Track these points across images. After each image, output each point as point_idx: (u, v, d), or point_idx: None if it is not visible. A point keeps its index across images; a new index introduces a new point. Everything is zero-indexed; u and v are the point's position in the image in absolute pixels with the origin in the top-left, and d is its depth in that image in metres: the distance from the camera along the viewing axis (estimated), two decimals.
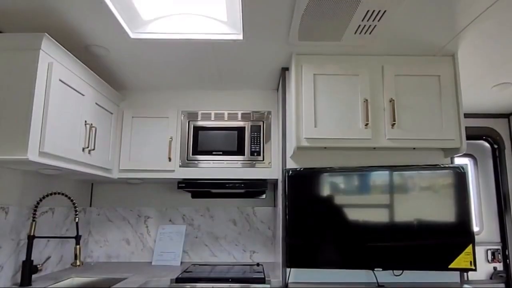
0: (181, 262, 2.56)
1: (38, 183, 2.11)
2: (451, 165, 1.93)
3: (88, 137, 1.96)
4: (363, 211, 1.94)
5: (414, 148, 2.07)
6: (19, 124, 1.53)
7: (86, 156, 1.96)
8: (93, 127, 2.02)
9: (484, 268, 2.73)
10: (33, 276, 2.03)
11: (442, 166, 1.94)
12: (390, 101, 1.95)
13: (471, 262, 1.85)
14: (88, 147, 1.95)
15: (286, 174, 2.00)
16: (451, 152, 2.03)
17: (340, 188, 1.97)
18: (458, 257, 1.86)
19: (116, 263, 2.56)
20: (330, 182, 1.98)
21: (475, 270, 1.85)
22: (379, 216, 1.93)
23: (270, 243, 2.67)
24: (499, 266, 2.75)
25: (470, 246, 1.86)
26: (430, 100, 1.96)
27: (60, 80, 1.72)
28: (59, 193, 1.98)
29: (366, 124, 1.92)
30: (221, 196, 2.72)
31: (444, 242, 1.88)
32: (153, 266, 2.46)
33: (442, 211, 1.90)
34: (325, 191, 1.98)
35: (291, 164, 2.10)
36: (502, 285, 2.72)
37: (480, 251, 2.74)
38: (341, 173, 1.98)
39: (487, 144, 2.92)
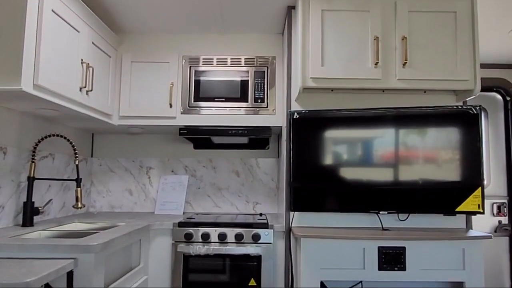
0: (184, 212, 2.55)
1: (37, 127, 2.06)
2: (463, 106, 1.85)
3: (85, 76, 1.88)
4: (369, 154, 1.89)
5: (425, 92, 1.99)
6: (11, 54, 1.46)
7: (84, 97, 1.90)
8: (90, 67, 1.94)
9: (489, 221, 2.71)
10: (35, 219, 2.02)
11: (453, 106, 1.86)
12: (403, 39, 1.84)
13: (479, 205, 1.81)
14: (85, 87, 1.88)
15: (291, 117, 1.93)
16: (463, 95, 1.94)
17: (346, 130, 1.91)
18: (466, 200, 1.82)
19: (119, 213, 2.56)
20: (336, 124, 1.91)
21: (482, 213, 1.81)
22: (385, 159, 1.88)
23: (274, 195, 2.65)
24: (504, 220, 2.73)
25: (479, 189, 1.81)
26: (444, 38, 1.86)
27: (53, 11, 1.62)
28: (58, 135, 1.93)
29: (376, 63, 1.83)
30: (224, 147, 2.67)
31: (452, 185, 1.83)
32: (156, 215, 2.45)
33: (451, 153, 1.84)
34: (331, 133, 1.91)
35: (296, 108, 2.03)
36: (506, 238, 2.71)
37: (485, 204, 2.71)
38: (348, 115, 1.90)
39: (499, 96, 2.82)
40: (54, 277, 1.26)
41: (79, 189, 1.94)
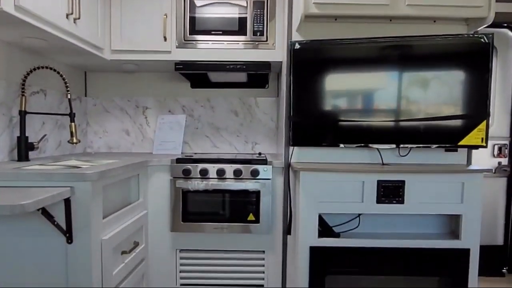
0: (182, 152, 2.53)
1: (26, 61, 1.96)
2: (473, 34, 1.74)
3: (71, 2, 1.75)
4: (372, 85, 1.81)
5: (434, 21, 1.87)
6: None
7: (72, 25, 1.78)
8: None
9: (489, 163, 2.70)
10: (31, 155, 2.00)
11: (464, 35, 1.75)
12: None
13: (482, 139, 1.77)
14: (72, 14, 1.75)
15: (292, 47, 1.83)
16: (475, 24, 1.83)
17: (349, 62, 1.82)
18: (470, 134, 1.78)
19: (116, 153, 2.54)
20: (338, 55, 1.82)
21: (485, 147, 1.78)
22: (388, 91, 1.81)
23: (273, 135, 2.61)
24: (504, 161, 2.72)
25: (484, 122, 1.76)
26: None
27: None
28: (48, 67, 1.84)
29: None
30: (222, 86, 2.59)
31: (456, 118, 1.78)
32: (154, 155, 2.42)
33: (458, 86, 1.77)
34: (334, 66, 1.83)
35: (297, 39, 1.92)
36: (504, 179, 2.72)
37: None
38: (351, 45, 1.80)
39: (510, 33, 2.68)
40: (50, 202, 1.25)
41: (73, 124, 1.89)
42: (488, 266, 2.74)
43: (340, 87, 1.83)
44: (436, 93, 1.78)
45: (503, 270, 2.74)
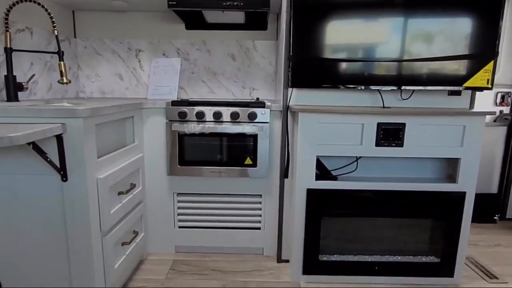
0: (178, 98, 2.46)
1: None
2: None
3: None
4: (376, 25, 1.71)
5: None
6: None
7: None
8: None
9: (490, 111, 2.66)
10: (21, 97, 1.94)
11: None
12: None
13: (488, 80, 1.71)
14: None
15: None
16: None
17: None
18: (475, 75, 1.71)
19: (110, 98, 2.46)
20: None
21: (490, 88, 1.72)
22: (391, 30, 1.71)
23: (271, 80, 2.53)
24: (506, 110, 2.68)
25: (491, 63, 1.69)
26: None
27: None
28: (31, 1, 1.72)
29: None
30: (219, 28, 2.46)
31: (462, 57, 1.70)
32: (149, 100, 2.35)
33: (465, 24, 1.68)
34: (337, 2, 1.71)
35: None
36: (505, 127, 2.69)
37: (489, 93, 2.63)
38: None
39: None
40: (41, 137, 1.21)
41: (62, 62, 1.80)
42: (481, 213, 2.80)
43: (343, 25, 1.73)
44: (443, 30, 1.69)
45: (495, 218, 2.81)
